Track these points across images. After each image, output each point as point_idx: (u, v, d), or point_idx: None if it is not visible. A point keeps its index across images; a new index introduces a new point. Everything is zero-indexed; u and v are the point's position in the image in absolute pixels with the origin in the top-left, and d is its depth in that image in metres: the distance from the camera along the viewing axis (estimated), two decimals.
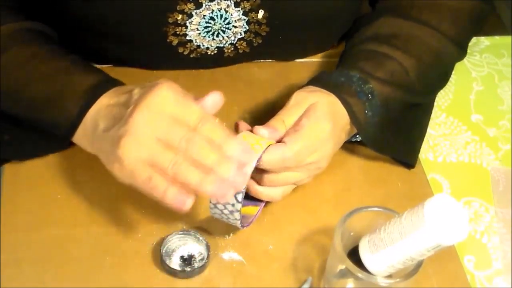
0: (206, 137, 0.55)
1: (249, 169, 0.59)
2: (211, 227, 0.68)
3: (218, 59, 0.81)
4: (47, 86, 0.66)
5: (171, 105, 0.56)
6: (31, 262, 0.64)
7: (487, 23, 0.83)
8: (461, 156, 0.78)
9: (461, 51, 0.79)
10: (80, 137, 0.65)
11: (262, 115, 0.80)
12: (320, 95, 0.67)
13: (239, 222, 0.62)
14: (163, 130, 0.55)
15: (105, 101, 0.63)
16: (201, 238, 0.65)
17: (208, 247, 0.64)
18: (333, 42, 0.89)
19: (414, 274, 0.56)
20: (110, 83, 0.65)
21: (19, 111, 0.68)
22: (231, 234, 0.67)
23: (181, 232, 0.65)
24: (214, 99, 0.58)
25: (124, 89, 0.63)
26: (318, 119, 0.65)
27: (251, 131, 0.65)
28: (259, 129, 0.64)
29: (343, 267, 0.58)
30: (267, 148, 0.62)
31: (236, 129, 0.66)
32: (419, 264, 0.56)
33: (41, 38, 0.71)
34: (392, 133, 0.73)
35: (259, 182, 0.66)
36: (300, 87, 0.83)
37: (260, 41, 0.79)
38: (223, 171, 0.55)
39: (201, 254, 0.65)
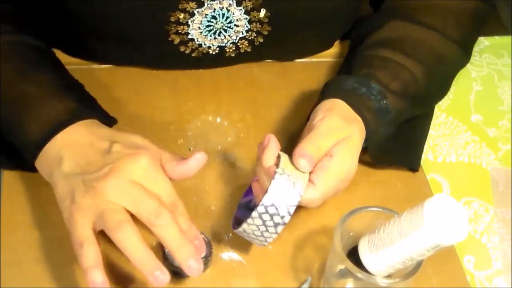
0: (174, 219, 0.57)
1: (292, 208, 0.59)
2: (210, 227, 0.68)
3: (219, 58, 0.81)
4: (13, 109, 0.66)
5: (146, 177, 0.58)
6: (31, 262, 0.64)
7: (487, 23, 0.83)
8: (461, 156, 0.78)
9: (466, 55, 0.80)
10: (40, 162, 0.64)
11: (262, 115, 0.80)
12: (355, 128, 0.65)
13: (274, 236, 0.60)
14: (132, 200, 0.57)
15: (76, 137, 0.63)
16: (203, 237, 0.65)
17: (210, 245, 0.64)
18: (334, 42, 0.89)
19: (414, 274, 0.56)
20: (79, 116, 0.64)
21: None
22: (231, 235, 0.67)
23: None
24: (198, 161, 0.61)
25: (102, 134, 0.63)
26: (348, 159, 0.64)
27: (286, 153, 0.63)
28: (300, 161, 0.61)
29: (342, 267, 0.58)
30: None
31: (266, 144, 0.63)
32: (418, 264, 0.56)
33: (21, 53, 0.70)
34: (393, 142, 0.73)
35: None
36: (301, 87, 0.84)
37: (262, 40, 0.79)
38: (182, 255, 0.56)
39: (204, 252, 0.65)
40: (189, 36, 0.76)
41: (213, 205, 0.70)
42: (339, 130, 0.64)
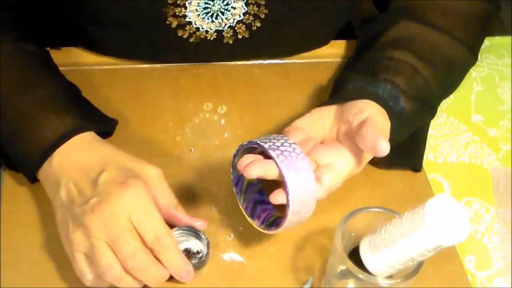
0: (152, 257, 0.59)
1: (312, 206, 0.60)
2: (211, 228, 0.68)
3: (217, 45, 0.81)
4: (10, 130, 0.66)
5: (131, 210, 0.58)
6: (31, 262, 0.64)
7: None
8: (461, 157, 0.78)
9: (473, 56, 0.80)
10: (43, 181, 0.66)
11: (262, 115, 0.80)
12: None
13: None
14: (112, 239, 0.57)
15: (74, 158, 0.63)
16: (202, 236, 0.65)
17: (208, 244, 0.64)
18: (331, 35, 0.89)
19: (415, 274, 0.56)
20: (77, 130, 0.65)
21: None
22: (232, 235, 0.67)
23: (184, 228, 0.65)
24: (201, 226, 0.65)
25: (96, 156, 0.63)
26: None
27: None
28: (383, 143, 0.61)
29: (343, 267, 0.58)
30: None
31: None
32: (419, 265, 0.56)
33: (17, 65, 0.70)
34: (397, 144, 0.73)
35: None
36: (301, 87, 0.84)
37: (259, 25, 0.79)
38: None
39: (201, 251, 0.65)
40: (187, 19, 0.76)
41: (214, 205, 0.70)
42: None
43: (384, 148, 0.60)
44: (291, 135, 0.65)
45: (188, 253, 0.65)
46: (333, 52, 0.89)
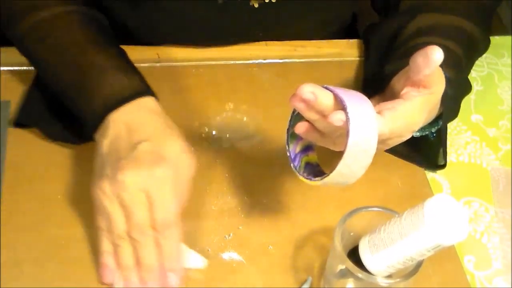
0: (156, 242, 0.59)
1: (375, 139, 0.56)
2: (210, 226, 0.68)
3: (242, 8, 0.80)
4: (79, 79, 0.68)
5: (151, 187, 0.59)
6: (31, 262, 0.64)
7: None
8: (461, 156, 0.78)
9: (488, 41, 0.80)
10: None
11: (263, 115, 0.80)
12: (440, 89, 0.64)
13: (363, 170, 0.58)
14: (127, 203, 0.59)
15: (127, 118, 0.64)
16: None
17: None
18: (345, 16, 0.90)
19: (414, 274, 0.56)
20: (141, 92, 0.67)
21: (56, 91, 0.71)
22: (231, 234, 0.67)
23: None
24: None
25: (149, 125, 0.64)
26: (420, 112, 0.62)
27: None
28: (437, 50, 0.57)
29: (343, 267, 0.58)
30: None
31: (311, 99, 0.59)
32: (419, 264, 0.56)
33: (85, 23, 0.72)
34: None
35: None
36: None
37: None
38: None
39: None
40: None
41: (214, 205, 0.70)
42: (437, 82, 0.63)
43: (438, 54, 0.57)
44: None
45: None
46: (333, 51, 0.89)
